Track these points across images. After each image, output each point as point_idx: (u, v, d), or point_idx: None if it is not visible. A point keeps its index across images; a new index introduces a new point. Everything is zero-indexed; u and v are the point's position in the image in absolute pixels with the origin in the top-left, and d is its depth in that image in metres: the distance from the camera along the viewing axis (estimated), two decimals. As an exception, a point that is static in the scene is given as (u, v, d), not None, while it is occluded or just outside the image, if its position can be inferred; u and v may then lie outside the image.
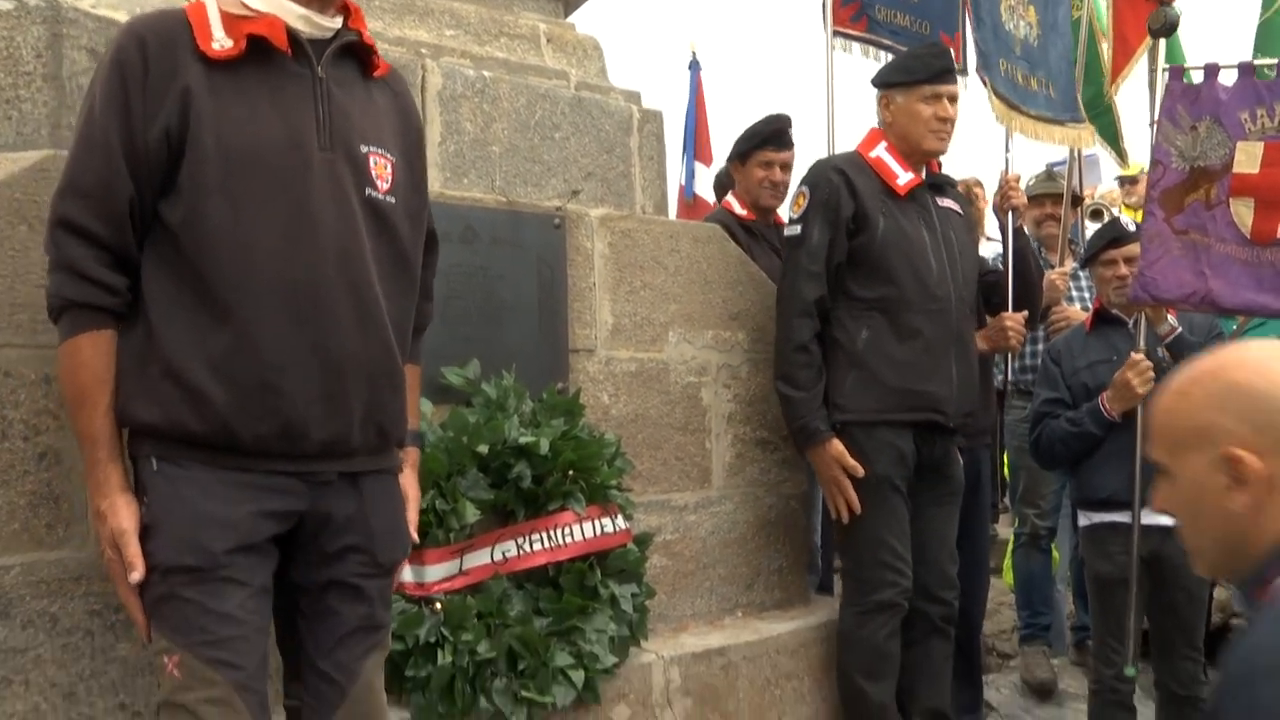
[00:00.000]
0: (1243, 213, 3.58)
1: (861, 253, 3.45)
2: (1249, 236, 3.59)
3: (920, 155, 3.59)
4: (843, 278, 3.48)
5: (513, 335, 3.18)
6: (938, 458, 3.58)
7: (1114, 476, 3.68)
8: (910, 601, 3.48)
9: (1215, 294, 3.59)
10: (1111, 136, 5.70)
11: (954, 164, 3.85)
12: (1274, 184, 3.53)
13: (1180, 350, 3.65)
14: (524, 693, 2.76)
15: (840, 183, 3.47)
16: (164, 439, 1.95)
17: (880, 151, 3.59)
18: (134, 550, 1.91)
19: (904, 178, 3.53)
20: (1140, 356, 3.56)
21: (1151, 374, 3.53)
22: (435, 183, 3.33)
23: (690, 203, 8.65)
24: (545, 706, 2.81)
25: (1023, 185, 4.94)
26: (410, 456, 2.37)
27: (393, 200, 2.12)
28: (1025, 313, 4.02)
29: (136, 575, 1.91)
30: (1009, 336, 3.94)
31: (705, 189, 8.25)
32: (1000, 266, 4.22)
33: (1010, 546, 5.42)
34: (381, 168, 2.10)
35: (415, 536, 2.37)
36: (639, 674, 3.10)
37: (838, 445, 3.40)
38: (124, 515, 1.93)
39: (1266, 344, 1.58)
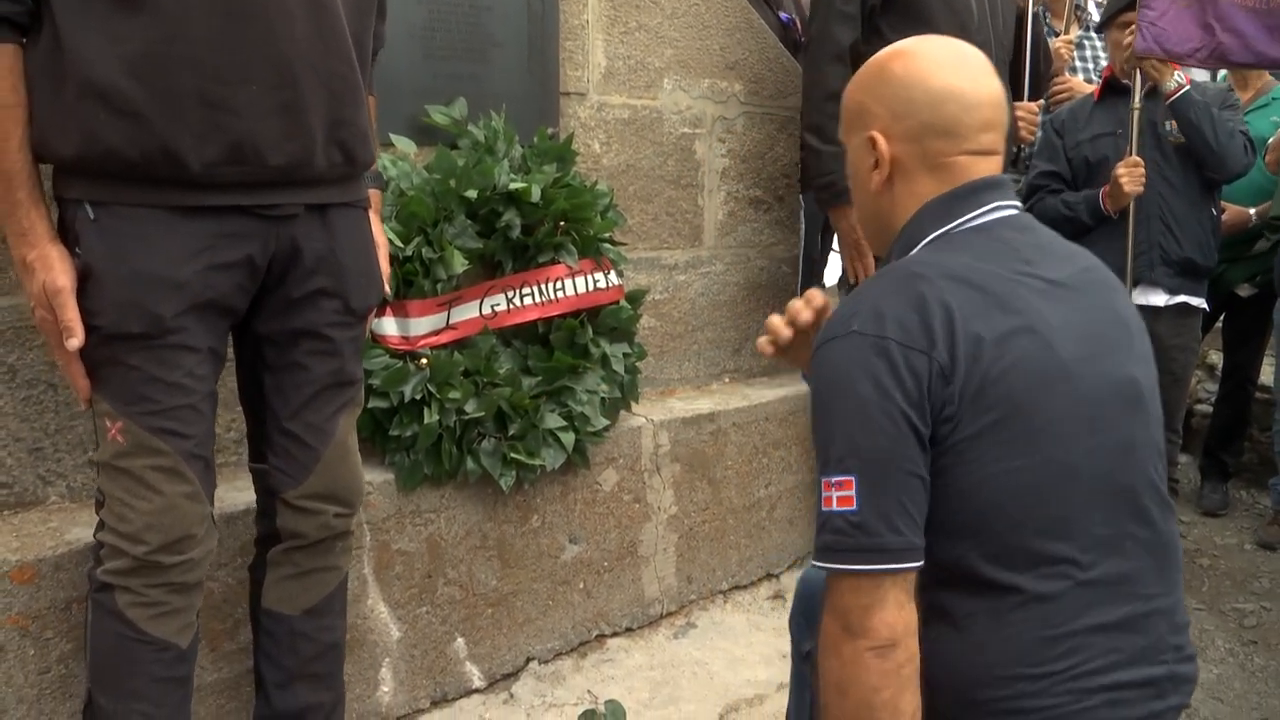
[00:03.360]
0: None
1: None
2: None
3: None
4: (876, 21, 3.15)
5: (500, 74, 2.91)
6: None
7: (1101, 254, 3.54)
8: None
9: (1225, 47, 3.40)
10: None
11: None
12: None
13: (1186, 110, 3.45)
14: (513, 454, 2.63)
15: None
16: (95, 176, 1.67)
17: None
18: (72, 313, 1.67)
19: None
20: (1136, 159, 3.38)
21: (1142, 174, 3.36)
22: (414, -102, 2.98)
23: None
24: (534, 469, 2.68)
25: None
26: (373, 199, 2.14)
27: None
28: (1039, 102, 3.73)
29: (75, 342, 1.67)
30: (1018, 128, 3.56)
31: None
32: None
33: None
34: None
35: (387, 287, 2.17)
36: (628, 438, 2.97)
37: None
38: (58, 270, 1.66)
39: (937, 39, 1.66)
